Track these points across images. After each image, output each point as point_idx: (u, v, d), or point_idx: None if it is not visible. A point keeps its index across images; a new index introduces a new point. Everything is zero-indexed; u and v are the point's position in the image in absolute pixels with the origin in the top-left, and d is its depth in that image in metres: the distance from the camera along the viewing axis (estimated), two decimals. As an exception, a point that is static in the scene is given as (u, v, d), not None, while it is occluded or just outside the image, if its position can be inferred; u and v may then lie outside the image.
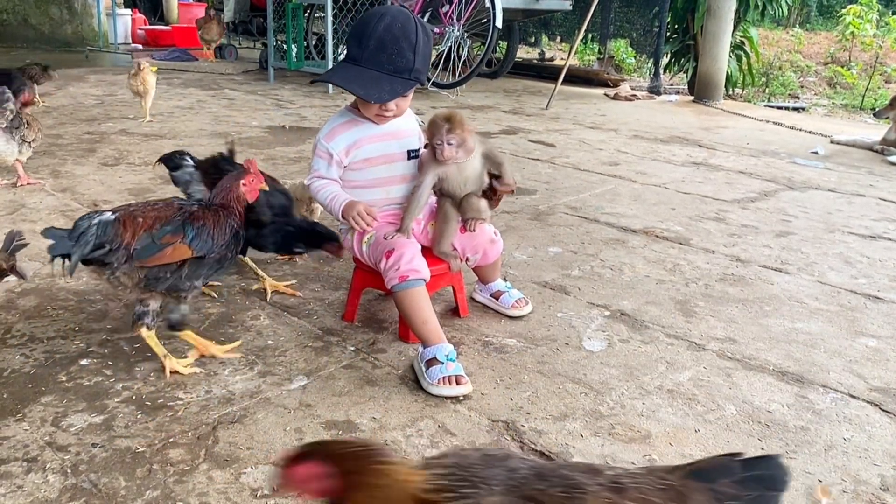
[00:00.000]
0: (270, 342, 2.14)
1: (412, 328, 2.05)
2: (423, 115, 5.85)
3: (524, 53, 11.51)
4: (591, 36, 10.74)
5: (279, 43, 8.11)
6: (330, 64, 6.96)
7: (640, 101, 7.90)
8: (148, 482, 1.51)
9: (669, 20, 8.47)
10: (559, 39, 12.16)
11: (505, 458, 1.02)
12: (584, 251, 3.01)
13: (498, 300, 2.40)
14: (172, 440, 1.65)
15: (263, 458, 1.61)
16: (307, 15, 8.27)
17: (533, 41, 12.28)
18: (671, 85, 9.11)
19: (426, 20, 7.36)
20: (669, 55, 8.58)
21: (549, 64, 10.44)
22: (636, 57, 10.31)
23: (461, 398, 1.87)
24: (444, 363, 1.89)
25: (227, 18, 9.71)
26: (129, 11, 12.03)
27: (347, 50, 2.09)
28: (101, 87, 6.94)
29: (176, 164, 2.53)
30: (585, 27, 7.51)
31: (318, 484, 0.97)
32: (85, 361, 1.98)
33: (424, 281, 2.02)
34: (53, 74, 5.59)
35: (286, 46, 7.91)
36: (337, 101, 6.67)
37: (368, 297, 2.45)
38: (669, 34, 8.52)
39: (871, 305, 2.57)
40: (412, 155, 2.20)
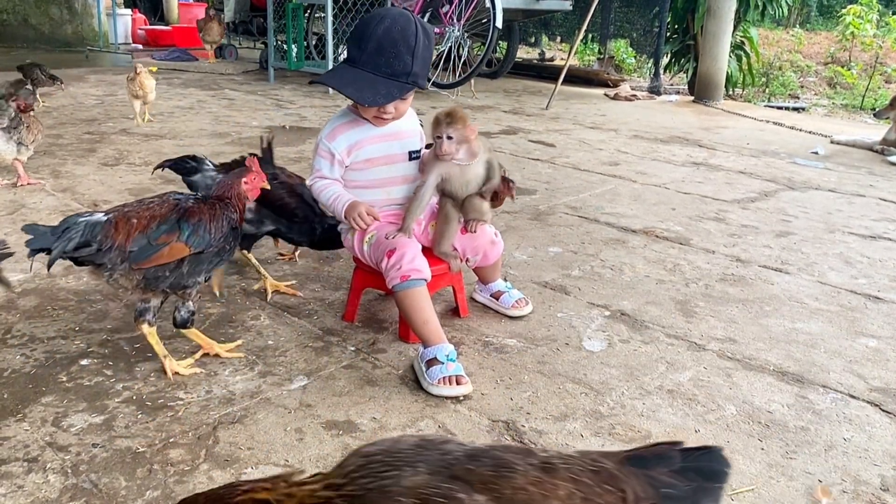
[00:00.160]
0: (271, 342, 2.14)
1: (413, 328, 2.05)
2: (423, 115, 5.85)
3: (524, 53, 11.51)
4: (591, 36, 10.75)
5: (279, 43, 8.12)
6: (330, 64, 6.97)
7: (640, 101, 7.90)
8: (148, 482, 1.51)
9: (669, 20, 8.48)
10: (559, 39, 12.17)
11: (443, 442, 1.00)
12: (584, 251, 3.01)
13: (498, 300, 2.40)
14: (173, 440, 1.65)
15: (264, 458, 1.61)
16: (307, 15, 8.27)
17: (533, 41, 12.29)
18: (671, 85, 9.11)
19: (426, 20, 7.37)
20: (669, 55, 8.58)
21: (549, 64, 10.44)
22: (636, 57, 10.31)
23: (461, 398, 1.87)
24: (444, 363, 1.89)
25: (227, 18, 9.71)
26: (129, 11, 12.04)
27: (347, 51, 2.09)
28: (101, 87, 6.94)
29: (191, 168, 2.39)
30: (585, 27, 7.52)
31: None
32: (85, 361, 1.98)
33: (426, 281, 2.02)
34: (62, 86, 5.57)
35: (286, 46, 7.92)
36: (337, 101, 6.67)
37: (369, 297, 2.45)
38: (669, 34, 8.53)
39: (871, 305, 2.57)
40: (413, 156, 2.20)
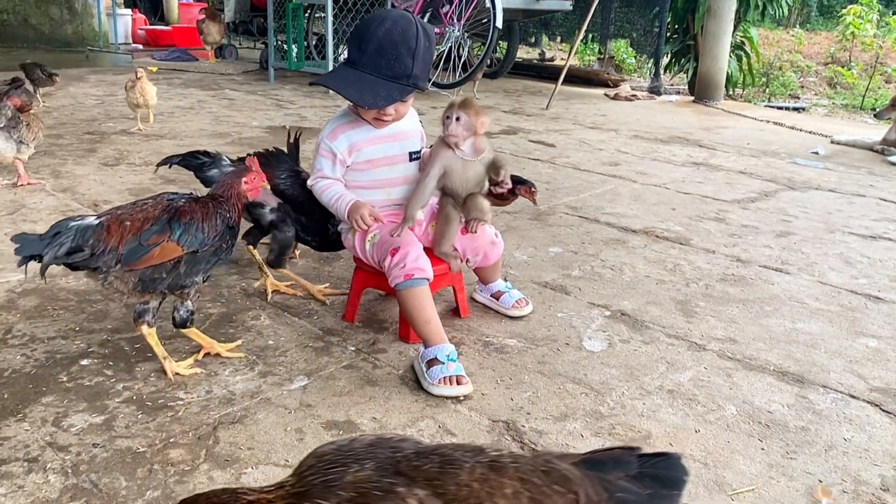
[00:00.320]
0: (271, 342, 2.14)
1: (414, 327, 2.05)
2: (423, 115, 5.85)
3: (524, 53, 11.52)
4: (591, 36, 10.75)
5: (279, 43, 8.12)
6: (330, 64, 6.97)
7: (640, 101, 7.90)
8: (148, 482, 1.51)
9: (670, 20, 8.48)
10: (559, 39, 12.17)
11: (400, 440, 1.00)
12: (584, 251, 3.01)
13: (498, 300, 2.40)
14: (173, 440, 1.65)
15: (264, 458, 1.61)
16: (307, 15, 8.27)
17: (533, 41, 12.29)
18: (671, 85, 9.11)
19: (426, 20, 7.37)
20: (670, 55, 8.58)
21: (549, 64, 10.44)
22: (636, 57, 10.31)
23: (462, 398, 1.87)
24: (444, 363, 1.89)
25: (227, 18, 9.70)
26: (129, 11, 12.04)
27: (348, 53, 2.08)
28: (101, 87, 6.94)
29: (204, 163, 2.34)
30: (586, 27, 7.52)
31: None
32: (85, 361, 1.98)
33: (428, 280, 2.02)
34: (57, 79, 5.59)
35: (286, 46, 7.92)
36: (337, 101, 6.67)
37: (369, 297, 2.45)
38: (670, 34, 8.53)
39: (871, 306, 2.57)
40: (414, 157, 2.20)
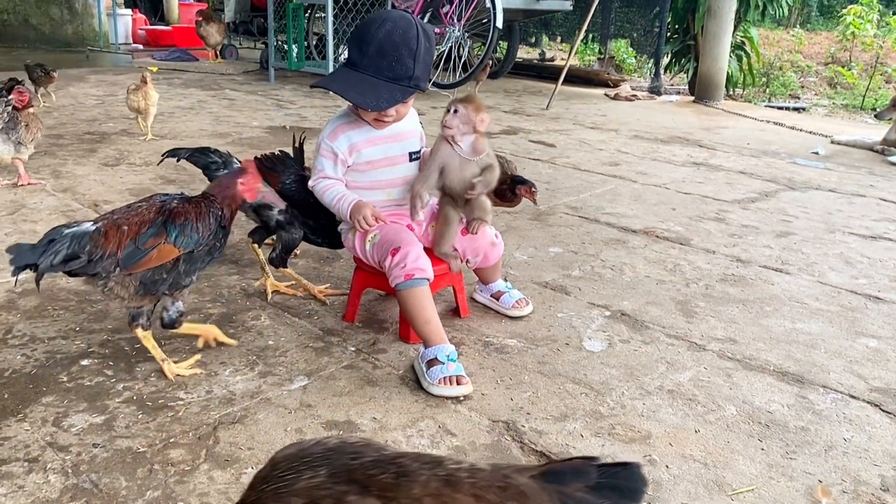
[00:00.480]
0: (271, 342, 2.14)
1: (414, 327, 2.05)
2: (423, 115, 5.84)
3: (524, 53, 11.52)
4: (591, 36, 10.75)
5: (280, 43, 8.12)
6: (331, 64, 6.97)
7: (640, 101, 7.90)
8: (149, 482, 1.51)
9: (670, 20, 8.48)
10: (560, 40, 12.17)
11: (363, 445, 0.99)
12: (584, 251, 3.01)
13: (498, 300, 2.40)
14: (173, 440, 1.66)
15: (264, 458, 1.61)
16: (308, 15, 8.27)
17: (533, 41, 12.29)
18: (671, 85, 9.11)
19: (426, 20, 7.37)
20: (670, 55, 8.58)
21: (549, 64, 10.45)
22: (637, 57, 10.31)
23: (462, 398, 1.87)
24: (444, 363, 1.89)
25: (227, 18, 9.70)
26: (129, 11, 12.04)
27: (348, 54, 2.08)
28: (101, 87, 6.94)
29: (213, 162, 2.33)
30: (586, 27, 7.52)
31: None
32: (86, 362, 1.98)
33: (429, 280, 2.02)
34: (54, 75, 5.60)
35: (287, 46, 7.92)
36: (337, 101, 6.67)
37: (369, 297, 2.45)
38: (670, 34, 8.53)
39: (871, 306, 2.57)
40: (414, 157, 2.20)
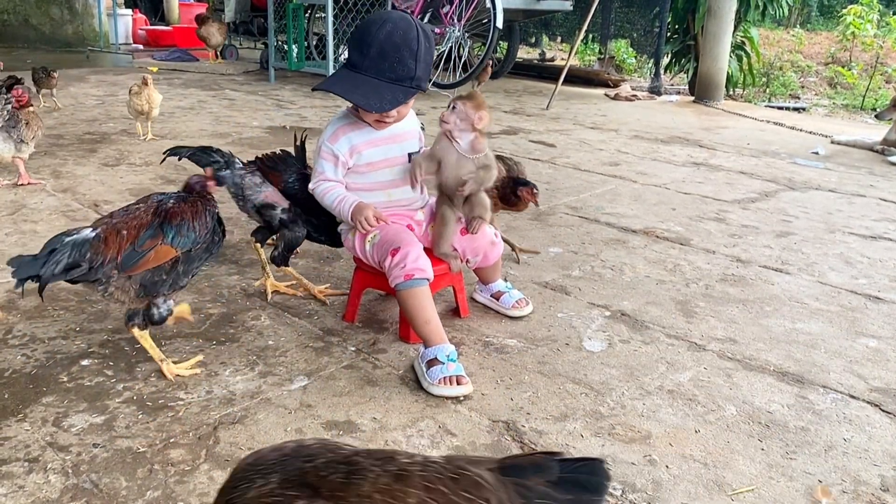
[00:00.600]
0: (271, 342, 2.14)
1: (414, 327, 2.05)
2: (423, 115, 5.85)
3: (525, 54, 11.52)
4: (591, 36, 10.75)
5: (280, 43, 8.12)
6: (331, 64, 6.97)
7: (640, 101, 7.90)
8: (149, 482, 1.51)
9: (670, 20, 8.48)
10: (560, 40, 12.17)
11: (320, 447, 0.99)
12: (584, 251, 3.01)
13: (498, 300, 2.40)
14: (173, 440, 1.66)
15: (264, 458, 1.61)
16: (308, 15, 8.28)
17: (533, 41, 12.29)
18: (672, 85, 9.11)
19: (427, 20, 7.37)
20: (670, 55, 8.58)
21: (549, 64, 10.44)
22: (637, 57, 10.31)
23: (462, 398, 1.87)
24: (444, 363, 1.89)
25: (227, 19, 9.70)
26: (129, 12, 12.04)
27: (348, 56, 2.07)
28: (101, 87, 6.94)
29: (216, 162, 2.32)
30: (586, 27, 7.52)
31: None
32: (86, 362, 1.99)
33: (429, 280, 2.02)
34: (55, 75, 5.60)
35: (287, 47, 7.92)
36: (337, 101, 6.66)
37: (369, 297, 2.45)
38: (670, 34, 8.53)
39: (871, 306, 2.57)
40: (412, 157, 2.20)
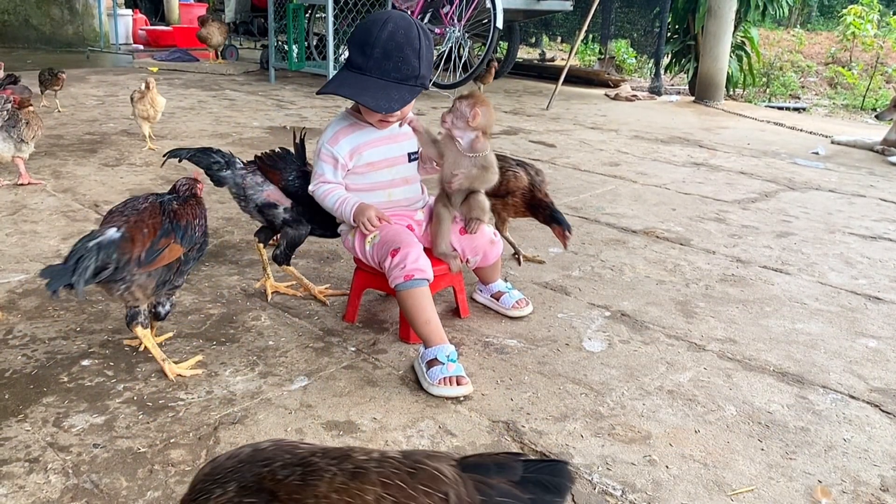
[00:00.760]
0: (271, 343, 2.15)
1: (414, 328, 2.05)
2: (423, 115, 5.85)
3: (525, 54, 11.52)
4: (591, 36, 10.74)
5: (280, 43, 8.13)
6: (331, 64, 6.97)
7: (640, 101, 7.90)
8: (149, 482, 1.51)
9: (670, 20, 8.47)
10: (560, 40, 12.17)
11: (275, 449, 0.99)
12: (584, 252, 3.01)
13: (498, 301, 2.40)
14: (174, 441, 1.66)
15: (264, 458, 1.61)
16: (308, 15, 8.28)
17: (534, 42, 12.29)
18: (672, 85, 9.11)
19: (427, 21, 7.38)
20: (670, 55, 8.58)
21: (549, 64, 10.44)
22: (637, 57, 10.31)
23: (462, 399, 1.87)
24: (444, 364, 1.90)
25: (227, 19, 9.70)
26: (130, 12, 12.04)
27: (350, 58, 2.05)
28: (102, 87, 6.95)
29: (216, 162, 2.31)
30: (586, 28, 7.52)
31: None
32: (86, 362, 1.99)
33: (429, 281, 2.02)
34: (63, 76, 5.59)
35: (287, 47, 7.92)
36: (338, 101, 6.66)
37: (369, 297, 2.45)
38: (670, 34, 8.53)
39: (871, 306, 2.57)
40: (412, 157, 2.21)
